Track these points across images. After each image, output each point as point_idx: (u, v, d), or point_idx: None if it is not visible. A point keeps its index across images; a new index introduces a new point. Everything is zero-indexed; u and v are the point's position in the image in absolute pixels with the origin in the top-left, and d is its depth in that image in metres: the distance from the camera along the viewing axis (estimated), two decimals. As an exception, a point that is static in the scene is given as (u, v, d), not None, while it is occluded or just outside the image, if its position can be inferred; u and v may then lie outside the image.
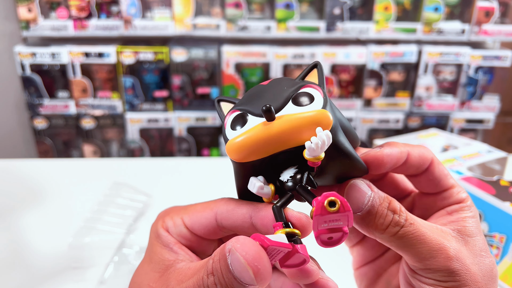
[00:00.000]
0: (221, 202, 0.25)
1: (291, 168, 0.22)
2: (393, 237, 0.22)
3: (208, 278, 0.20)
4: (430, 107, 1.45)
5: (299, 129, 0.20)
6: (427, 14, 1.36)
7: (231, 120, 0.22)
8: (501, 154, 0.56)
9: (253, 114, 0.22)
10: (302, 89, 0.22)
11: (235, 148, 0.21)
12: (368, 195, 0.23)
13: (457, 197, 0.26)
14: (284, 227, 0.21)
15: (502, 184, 0.46)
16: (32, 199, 0.60)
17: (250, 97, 0.23)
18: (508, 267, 0.43)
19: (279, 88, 0.22)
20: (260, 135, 0.20)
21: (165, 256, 0.24)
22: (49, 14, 1.34)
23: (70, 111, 1.39)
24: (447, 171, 0.26)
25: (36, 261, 0.48)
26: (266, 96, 0.22)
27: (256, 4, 1.37)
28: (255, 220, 0.23)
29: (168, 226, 0.25)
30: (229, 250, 0.20)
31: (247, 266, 0.19)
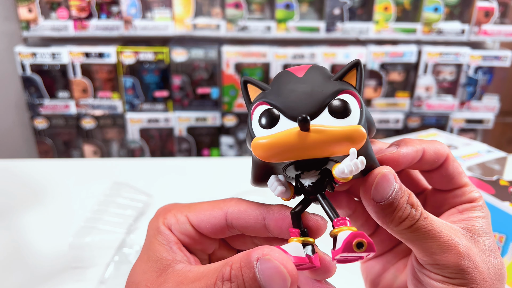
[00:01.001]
0: (232, 202, 0.25)
1: (313, 171, 0.22)
2: (407, 230, 0.22)
3: (224, 284, 0.20)
4: (430, 107, 1.45)
5: (332, 144, 0.20)
6: (427, 14, 1.36)
7: (259, 113, 0.21)
8: (500, 154, 0.56)
9: (286, 116, 0.20)
10: (340, 95, 0.21)
11: (263, 148, 0.20)
12: (393, 186, 0.22)
13: (469, 196, 0.25)
14: (300, 235, 0.21)
15: (501, 184, 0.46)
16: (32, 199, 0.60)
17: (282, 89, 0.21)
18: (507, 267, 0.43)
19: (315, 86, 0.21)
20: (292, 143, 0.20)
21: (163, 254, 0.24)
22: (50, 14, 1.34)
23: (70, 111, 1.40)
24: (462, 169, 0.26)
25: (37, 261, 0.48)
26: (301, 94, 0.21)
27: (256, 4, 1.38)
28: (268, 221, 0.23)
29: (170, 223, 0.25)
30: (257, 259, 0.20)
31: (287, 275, 0.19)
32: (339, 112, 0.20)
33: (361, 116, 0.21)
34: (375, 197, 0.22)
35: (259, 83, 0.22)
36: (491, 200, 0.43)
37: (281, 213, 0.23)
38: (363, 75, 0.22)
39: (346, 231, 0.20)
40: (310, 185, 0.21)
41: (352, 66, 0.22)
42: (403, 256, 0.29)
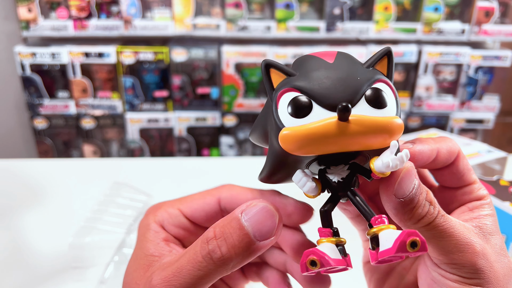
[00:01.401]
0: (224, 188, 0.25)
1: (342, 166, 0.20)
2: (424, 227, 0.22)
3: (209, 243, 0.20)
4: (430, 107, 1.45)
5: (372, 136, 0.18)
6: (427, 14, 1.36)
7: (288, 100, 0.19)
8: (501, 154, 0.56)
9: (320, 104, 0.18)
10: (376, 83, 0.19)
11: (296, 139, 0.18)
12: (414, 182, 0.22)
13: (478, 194, 0.25)
14: (332, 235, 0.20)
15: (502, 184, 0.46)
16: (32, 199, 0.60)
17: (312, 75, 0.19)
18: (508, 267, 0.43)
19: (350, 72, 0.19)
20: (330, 134, 0.18)
21: (150, 251, 0.23)
22: (49, 14, 1.34)
23: (70, 111, 1.40)
24: (470, 166, 0.25)
25: (36, 261, 0.48)
26: (335, 80, 0.19)
27: (256, 4, 1.37)
28: None
29: (163, 218, 0.25)
30: (242, 211, 0.20)
31: (274, 212, 0.20)
32: (377, 102, 0.19)
33: (397, 107, 0.20)
34: (397, 193, 0.21)
35: (284, 67, 0.20)
36: (491, 200, 0.43)
37: (274, 196, 0.23)
38: (393, 64, 0.20)
39: (389, 230, 0.19)
40: (340, 181, 0.20)
41: (384, 54, 0.20)
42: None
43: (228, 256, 0.19)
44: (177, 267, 0.20)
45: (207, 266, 0.20)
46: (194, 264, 0.20)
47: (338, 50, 0.21)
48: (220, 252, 0.19)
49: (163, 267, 0.22)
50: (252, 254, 0.20)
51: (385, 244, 0.18)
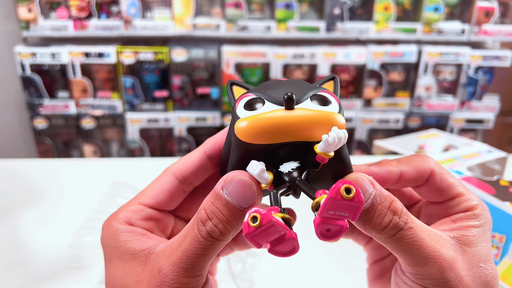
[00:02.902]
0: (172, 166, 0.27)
1: (293, 162, 0.22)
2: (390, 238, 0.22)
3: (206, 225, 0.21)
4: (430, 107, 1.45)
5: (316, 123, 0.20)
6: (427, 14, 1.36)
7: (244, 102, 0.22)
8: (501, 154, 0.56)
9: (270, 101, 0.21)
10: (321, 92, 0.22)
11: (248, 127, 0.20)
12: (369, 192, 0.22)
13: (465, 206, 0.24)
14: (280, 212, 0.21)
15: (502, 184, 0.46)
16: (32, 199, 0.60)
17: (266, 87, 0.23)
18: (508, 267, 0.43)
19: (298, 85, 0.23)
20: (278, 119, 0.20)
21: (136, 249, 0.24)
22: (49, 14, 1.34)
23: (70, 111, 1.40)
24: (454, 180, 0.25)
25: (36, 261, 0.48)
26: (285, 88, 0.22)
27: (256, 4, 1.38)
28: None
29: (127, 217, 0.25)
30: (222, 187, 0.21)
31: (250, 182, 0.21)
32: (320, 100, 0.22)
33: (340, 109, 0.22)
34: None
35: (245, 84, 0.24)
36: (491, 200, 0.43)
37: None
38: (338, 87, 0.24)
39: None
40: (290, 171, 0.22)
41: (330, 78, 0.24)
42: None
43: (226, 230, 0.21)
44: (182, 252, 0.21)
45: (210, 244, 0.21)
46: (198, 245, 0.21)
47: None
48: (218, 229, 0.21)
49: (166, 255, 0.22)
50: (242, 220, 0.21)
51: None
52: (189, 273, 0.21)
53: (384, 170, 0.24)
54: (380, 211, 0.22)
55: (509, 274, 0.43)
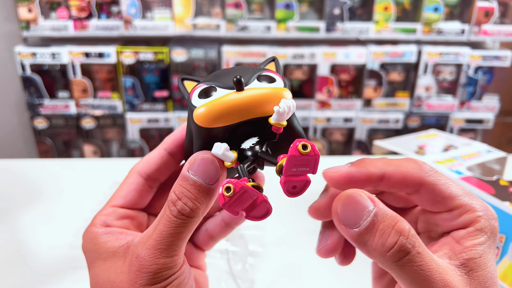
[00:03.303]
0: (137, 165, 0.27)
1: (252, 138, 0.24)
2: (395, 264, 0.20)
3: (176, 205, 0.22)
4: (430, 107, 1.45)
5: (266, 99, 0.22)
6: (427, 14, 1.36)
7: (198, 92, 0.23)
8: (500, 154, 0.56)
9: (221, 87, 0.23)
10: (266, 72, 0.24)
11: (205, 113, 0.22)
12: (368, 209, 0.20)
13: (465, 220, 0.22)
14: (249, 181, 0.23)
15: (501, 184, 0.46)
16: (32, 199, 0.60)
17: (215, 76, 0.24)
18: (507, 267, 0.43)
19: (243, 70, 0.24)
20: (231, 101, 0.22)
21: (115, 246, 0.24)
22: (49, 14, 1.34)
23: (70, 111, 1.40)
24: (452, 189, 0.23)
25: (37, 261, 0.48)
26: (233, 73, 0.23)
27: (256, 4, 1.38)
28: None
29: (103, 221, 0.26)
30: (188, 169, 0.22)
31: (211, 158, 0.22)
32: (266, 79, 0.23)
33: (285, 85, 0.24)
34: (345, 222, 0.21)
35: (194, 77, 0.25)
36: (491, 200, 0.43)
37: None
38: (280, 66, 0.26)
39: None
40: (251, 146, 0.23)
41: (271, 60, 0.26)
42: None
43: (196, 207, 0.22)
44: (157, 234, 0.22)
45: (183, 222, 0.22)
46: (171, 225, 0.22)
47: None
48: (188, 207, 0.22)
49: (143, 242, 0.23)
50: (211, 197, 0.23)
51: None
52: (165, 254, 0.22)
53: (361, 171, 0.23)
54: (382, 230, 0.20)
55: (509, 274, 0.43)
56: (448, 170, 0.50)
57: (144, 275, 0.22)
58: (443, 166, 0.51)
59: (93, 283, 0.25)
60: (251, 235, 0.49)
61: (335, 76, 1.41)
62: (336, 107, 1.44)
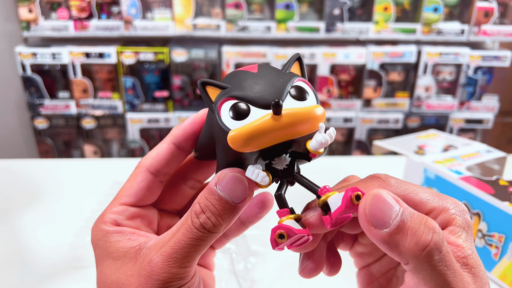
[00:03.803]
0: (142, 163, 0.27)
1: (283, 155, 0.23)
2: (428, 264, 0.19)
3: (199, 217, 0.22)
4: (430, 107, 1.46)
5: (304, 123, 0.21)
6: (427, 14, 1.36)
7: (228, 108, 0.22)
8: (500, 154, 0.56)
9: (256, 106, 0.22)
10: (296, 82, 0.23)
11: (241, 139, 0.21)
12: (395, 209, 0.20)
13: (440, 220, 0.22)
14: (290, 213, 0.23)
15: (501, 184, 0.46)
16: (32, 199, 0.60)
17: (243, 85, 0.22)
18: (507, 267, 0.43)
19: (272, 78, 0.23)
20: (269, 128, 0.21)
21: (126, 246, 0.24)
22: (50, 15, 1.34)
23: (70, 111, 1.40)
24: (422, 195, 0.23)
25: (37, 260, 0.48)
26: (263, 86, 0.22)
27: (256, 5, 1.38)
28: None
29: (113, 219, 0.25)
30: (215, 183, 0.22)
31: (242, 178, 0.22)
32: (300, 97, 0.22)
33: (316, 97, 0.23)
34: (374, 223, 0.20)
35: (218, 83, 0.23)
36: (491, 200, 0.44)
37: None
38: (304, 66, 0.25)
39: (335, 195, 0.22)
40: (285, 167, 0.23)
41: (295, 59, 0.24)
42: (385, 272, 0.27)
43: (218, 223, 0.22)
44: (174, 242, 0.22)
45: (203, 235, 0.22)
46: (190, 236, 0.22)
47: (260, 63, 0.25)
48: (211, 222, 0.22)
49: (158, 247, 0.23)
50: (235, 215, 0.23)
51: (335, 205, 0.22)
52: (179, 263, 0.22)
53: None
54: (414, 229, 0.19)
55: (509, 274, 0.43)
56: (447, 170, 0.50)
57: (154, 282, 0.22)
58: (443, 166, 0.51)
59: (100, 282, 0.24)
60: (253, 234, 0.49)
61: (335, 76, 1.41)
62: (336, 107, 1.44)
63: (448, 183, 0.49)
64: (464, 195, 0.46)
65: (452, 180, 0.48)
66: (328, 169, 0.38)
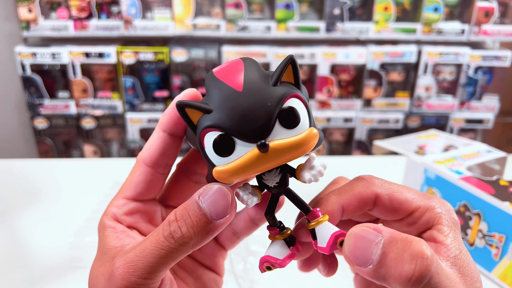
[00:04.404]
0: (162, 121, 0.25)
1: (274, 171, 0.23)
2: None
3: (171, 225, 0.21)
4: (430, 107, 1.46)
5: (293, 153, 0.21)
6: (427, 14, 1.36)
7: (212, 140, 0.21)
8: (500, 154, 0.56)
9: (241, 139, 0.20)
10: (285, 102, 0.21)
11: (228, 175, 0.21)
12: (375, 242, 0.20)
13: (426, 219, 0.23)
14: (279, 232, 0.24)
15: (501, 184, 0.46)
16: (32, 199, 0.60)
17: (226, 109, 0.20)
18: (507, 267, 0.43)
19: (259, 99, 0.20)
20: (257, 163, 0.20)
21: (111, 244, 0.24)
22: (50, 15, 1.34)
23: (70, 111, 1.40)
24: (406, 194, 0.23)
25: (37, 260, 0.48)
26: (249, 113, 0.20)
27: (256, 5, 1.38)
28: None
29: (113, 213, 0.25)
30: (199, 195, 0.21)
31: (227, 191, 0.21)
32: (290, 123, 0.20)
33: (309, 116, 0.21)
34: (358, 262, 0.20)
35: (199, 105, 0.21)
36: (491, 200, 0.43)
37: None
38: (298, 70, 0.22)
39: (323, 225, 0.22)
40: (275, 185, 0.23)
41: (287, 63, 0.21)
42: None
43: (188, 235, 0.21)
44: (140, 249, 0.21)
45: (169, 245, 0.21)
46: (156, 244, 0.21)
47: (244, 62, 0.22)
48: (181, 232, 0.21)
49: (125, 252, 0.22)
50: (210, 233, 0.21)
51: (321, 241, 0.22)
52: (139, 272, 0.21)
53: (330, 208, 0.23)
54: (396, 259, 0.19)
55: (509, 274, 0.43)
56: (448, 170, 0.50)
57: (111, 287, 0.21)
58: (443, 166, 0.51)
59: (90, 272, 0.25)
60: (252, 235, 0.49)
61: (335, 76, 1.41)
62: (336, 107, 1.44)
63: (449, 183, 0.49)
64: (465, 195, 0.46)
65: (453, 180, 0.48)
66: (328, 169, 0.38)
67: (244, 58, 0.23)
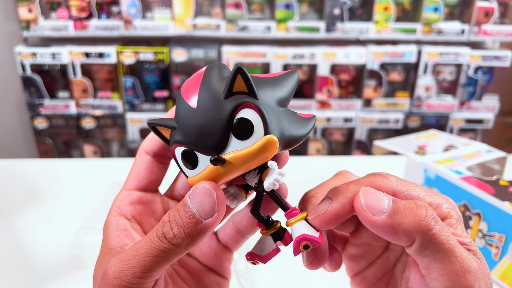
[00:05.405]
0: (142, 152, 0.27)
1: (252, 172, 0.23)
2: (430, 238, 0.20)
3: (164, 226, 0.22)
4: (430, 107, 1.46)
5: (251, 162, 0.22)
6: (427, 14, 1.36)
7: (180, 154, 0.23)
8: (500, 154, 0.56)
9: (201, 152, 0.22)
10: (237, 115, 0.21)
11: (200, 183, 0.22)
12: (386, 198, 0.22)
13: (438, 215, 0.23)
14: (266, 228, 0.25)
15: (501, 184, 0.46)
16: (32, 199, 0.60)
17: (185, 127, 0.22)
18: (507, 267, 0.43)
19: (211, 116, 0.21)
20: (220, 174, 0.22)
21: (112, 243, 0.24)
22: (50, 15, 1.34)
23: (70, 111, 1.40)
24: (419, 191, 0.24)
25: (37, 260, 0.48)
26: (203, 130, 0.21)
27: (256, 5, 1.38)
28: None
29: (117, 206, 0.26)
30: (189, 196, 0.22)
31: (212, 190, 0.22)
32: (243, 135, 0.21)
33: (264, 123, 0.21)
34: (373, 211, 0.22)
35: (165, 123, 0.23)
36: (491, 200, 0.43)
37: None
38: (249, 78, 0.21)
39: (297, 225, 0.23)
40: (255, 185, 0.23)
41: (235, 74, 0.21)
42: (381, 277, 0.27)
43: (179, 235, 0.21)
44: (135, 248, 0.22)
45: (162, 245, 0.21)
46: (150, 244, 0.21)
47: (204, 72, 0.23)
48: (173, 232, 0.21)
49: (122, 251, 0.23)
50: (201, 233, 0.22)
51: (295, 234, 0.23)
52: (133, 271, 0.21)
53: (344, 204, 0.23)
54: (408, 209, 0.21)
55: (509, 274, 0.43)
56: (448, 170, 0.50)
57: (106, 286, 0.21)
58: (443, 166, 0.51)
59: (93, 271, 0.25)
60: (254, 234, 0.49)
61: (335, 76, 1.41)
62: (336, 107, 1.44)
63: (449, 183, 0.49)
64: (465, 195, 0.46)
65: (453, 180, 0.48)
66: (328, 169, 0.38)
67: (208, 66, 0.23)
